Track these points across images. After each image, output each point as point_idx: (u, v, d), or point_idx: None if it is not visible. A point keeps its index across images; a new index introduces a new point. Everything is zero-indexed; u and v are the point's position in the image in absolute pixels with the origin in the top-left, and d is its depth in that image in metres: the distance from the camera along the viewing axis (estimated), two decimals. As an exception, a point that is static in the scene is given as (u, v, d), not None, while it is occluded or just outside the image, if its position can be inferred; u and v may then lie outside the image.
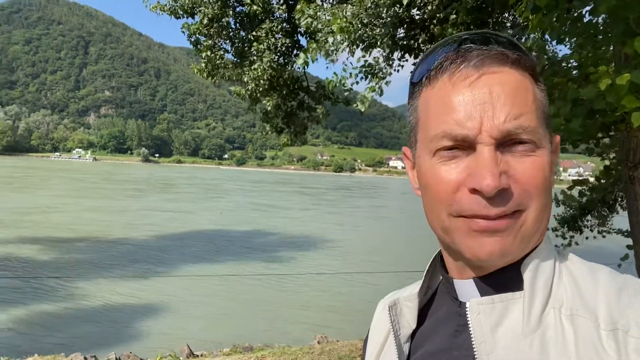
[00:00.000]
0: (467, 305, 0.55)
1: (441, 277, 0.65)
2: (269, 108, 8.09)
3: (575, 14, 2.34)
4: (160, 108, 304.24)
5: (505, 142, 0.52)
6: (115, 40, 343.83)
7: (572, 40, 2.51)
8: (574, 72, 2.63)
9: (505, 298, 0.54)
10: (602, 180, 4.32)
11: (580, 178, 4.86)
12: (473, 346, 0.53)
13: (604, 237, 6.11)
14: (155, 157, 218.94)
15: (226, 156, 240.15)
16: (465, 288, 0.59)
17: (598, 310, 0.50)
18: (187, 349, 7.59)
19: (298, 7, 4.72)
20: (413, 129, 0.60)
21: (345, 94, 7.92)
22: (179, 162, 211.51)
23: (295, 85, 8.38)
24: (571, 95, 2.36)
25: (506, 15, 4.25)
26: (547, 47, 2.84)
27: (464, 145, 0.52)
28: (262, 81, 7.04)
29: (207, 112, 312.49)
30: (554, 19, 2.24)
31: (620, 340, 0.47)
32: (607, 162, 4.27)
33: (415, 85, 0.60)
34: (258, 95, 7.52)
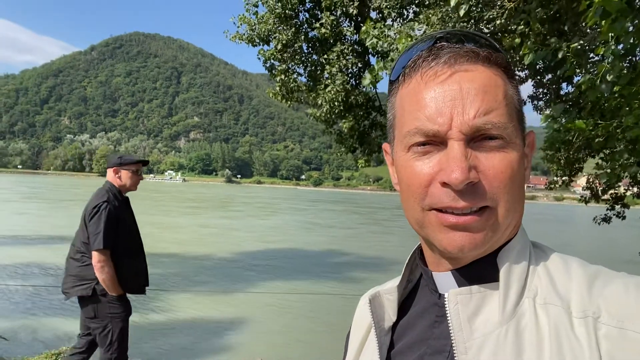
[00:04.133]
0: (446, 295, 0.56)
1: (421, 271, 0.67)
2: (345, 130, 8.22)
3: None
4: (242, 131, 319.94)
5: (476, 138, 0.53)
6: (204, 69, 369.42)
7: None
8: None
9: (483, 289, 0.55)
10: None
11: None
12: (451, 335, 0.54)
13: None
14: (237, 177, 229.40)
15: (303, 177, 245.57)
16: (444, 280, 0.60)
17: (570, 298, 0.51)
18: (260, 364, 7.75)
19: (363, 28, 4.82)
20: (391, 126, 0.62)
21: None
22: (259, 182, 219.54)
23: (367, 105, 8.47)
24: (650, 104, 2.18)
25: (583, 25, 4.02)
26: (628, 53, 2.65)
27: (436, 141, 0.54)
28: (336, 103, 7.20)
29: (285, 134, 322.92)
30: (625, 25, 2.11)
31: (590, 327, 0.48)
32: None
33: (392, 83, 0.62)
34: (333, 117, 7.69)
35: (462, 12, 3.13)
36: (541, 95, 7.82)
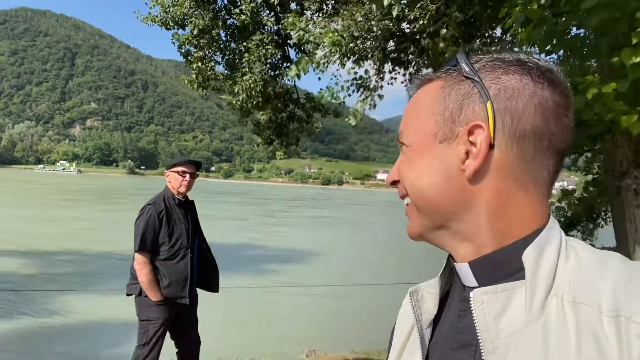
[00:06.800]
0: (471, 294, 0.57)
1: None
2: (262, 121, 8.09)
3: (562, 28, 2.40)
4: (147, 120, 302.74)
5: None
6: (103, 52, 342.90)
7: (560, 53, 2.58)
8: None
9: (508, 287, 0.55)
10: (591, 189, 4.40)
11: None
12: (477, 334, 0.55)
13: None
14: (141, 169, 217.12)
15: (213, 169, 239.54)
16: (463, 271, 0.61)
17: (602, 297, 0.50)
18: (173, 364, 7.45)
19: (290, 19, 4.77)
20: None
21: (336, 106, 7.99)
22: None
23: (285, 97, 8.42)
24: (559, 107, 2.41)
25: (494, 30, 4.34)
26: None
27: None
28: (254, 93, 7.05)
29: (194, 125, 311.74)
30: (543, 32, 2.30)
31: (622, 326, 0.47)
32: (589, 176, 4.36)
33: None
34: (250, 107, 7.52)
35: (394, 13, 3.22)
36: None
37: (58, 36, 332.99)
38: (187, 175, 3.57)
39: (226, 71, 7.94)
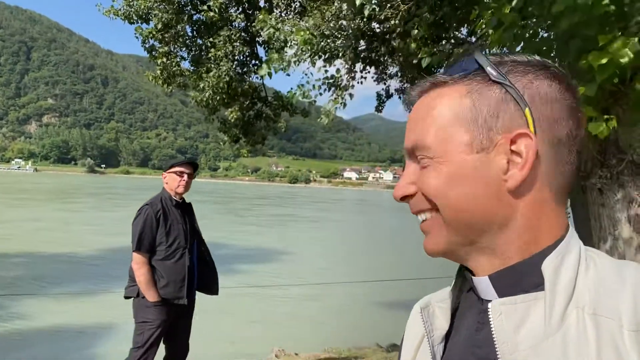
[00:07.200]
0: (489, 305, 0.56)
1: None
2: (232, 120, 7.94)
3: (531, 31, 2.45)
4: (107, 117, 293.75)
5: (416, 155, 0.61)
6: (60, 46, 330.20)
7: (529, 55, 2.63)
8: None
9: (528, 298, 0.54)
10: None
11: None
12: (495, 347, 0.54)
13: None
14: (101, 167, 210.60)
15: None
16: (482, 285, 0.59)
17: (623, 309, 0.49)
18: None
19: (260, 17, 4.69)
20: None
21: (304, 105, 7.96)
22: (127, 172, 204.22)
23: (253, 95, 8.32)
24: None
25: (463, 31, 4.42)
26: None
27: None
28: (219, 89, 6.93)
29: (157, 122, 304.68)
30: (513, 35, 2.34)
31: None
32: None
33: None
34: (216, 104, 7.39)
35: (366, 12, 3.22)
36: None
37: (12, 29, 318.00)
38: (185, 176, 3.53)
39: (192, 67, 7.77)
